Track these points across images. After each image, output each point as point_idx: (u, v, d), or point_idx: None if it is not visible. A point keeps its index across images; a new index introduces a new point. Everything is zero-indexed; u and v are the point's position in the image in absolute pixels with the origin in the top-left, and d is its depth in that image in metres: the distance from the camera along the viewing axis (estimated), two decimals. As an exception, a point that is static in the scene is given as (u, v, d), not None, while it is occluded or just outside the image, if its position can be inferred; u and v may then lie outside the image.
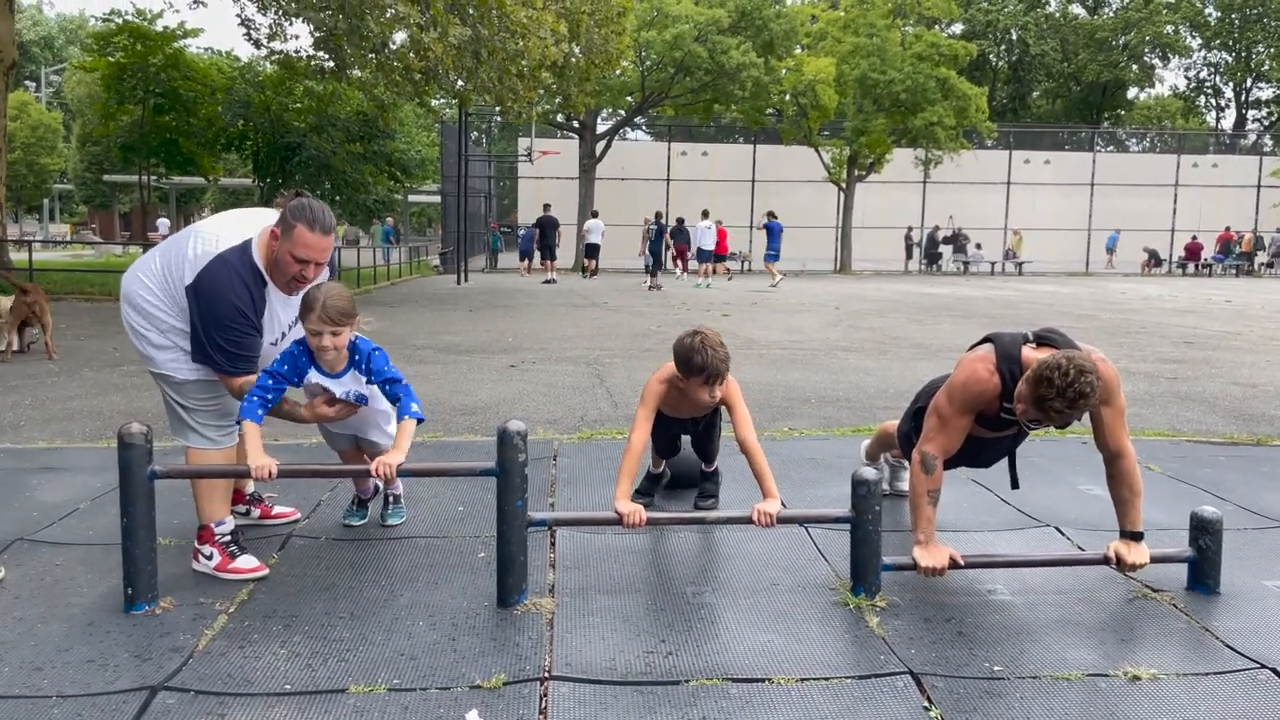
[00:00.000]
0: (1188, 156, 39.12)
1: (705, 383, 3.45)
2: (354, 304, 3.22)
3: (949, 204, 35.51)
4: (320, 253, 3.23)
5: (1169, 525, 3.84)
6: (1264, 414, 6.67)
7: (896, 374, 8.33)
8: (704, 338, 3.42)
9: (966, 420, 3.23)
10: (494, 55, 14.32)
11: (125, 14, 23.74)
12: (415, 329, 11.88)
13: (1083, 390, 2.83)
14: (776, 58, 29.91)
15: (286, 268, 3.22)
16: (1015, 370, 3.09)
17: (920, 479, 3.21)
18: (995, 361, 3.14)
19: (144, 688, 2.50)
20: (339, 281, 3.42)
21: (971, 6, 52.13)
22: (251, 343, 3.25)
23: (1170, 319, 14.50)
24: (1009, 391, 3.11)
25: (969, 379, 3.17)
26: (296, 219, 3.17)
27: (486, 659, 2.69)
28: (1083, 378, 2.82)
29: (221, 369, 3.23)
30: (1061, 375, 2.83)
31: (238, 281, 3.19)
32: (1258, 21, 50.34)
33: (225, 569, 3.29)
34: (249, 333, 3.23)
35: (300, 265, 3.21)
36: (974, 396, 3.17)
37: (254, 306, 3.22)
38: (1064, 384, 2.82)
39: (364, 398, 3.39)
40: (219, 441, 3.37)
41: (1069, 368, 2.83)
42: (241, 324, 3.20)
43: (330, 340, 3.15)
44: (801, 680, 2.59)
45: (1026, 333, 3.24)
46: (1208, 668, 2.70)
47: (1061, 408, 2.85)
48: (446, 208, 30.70)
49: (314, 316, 3.11)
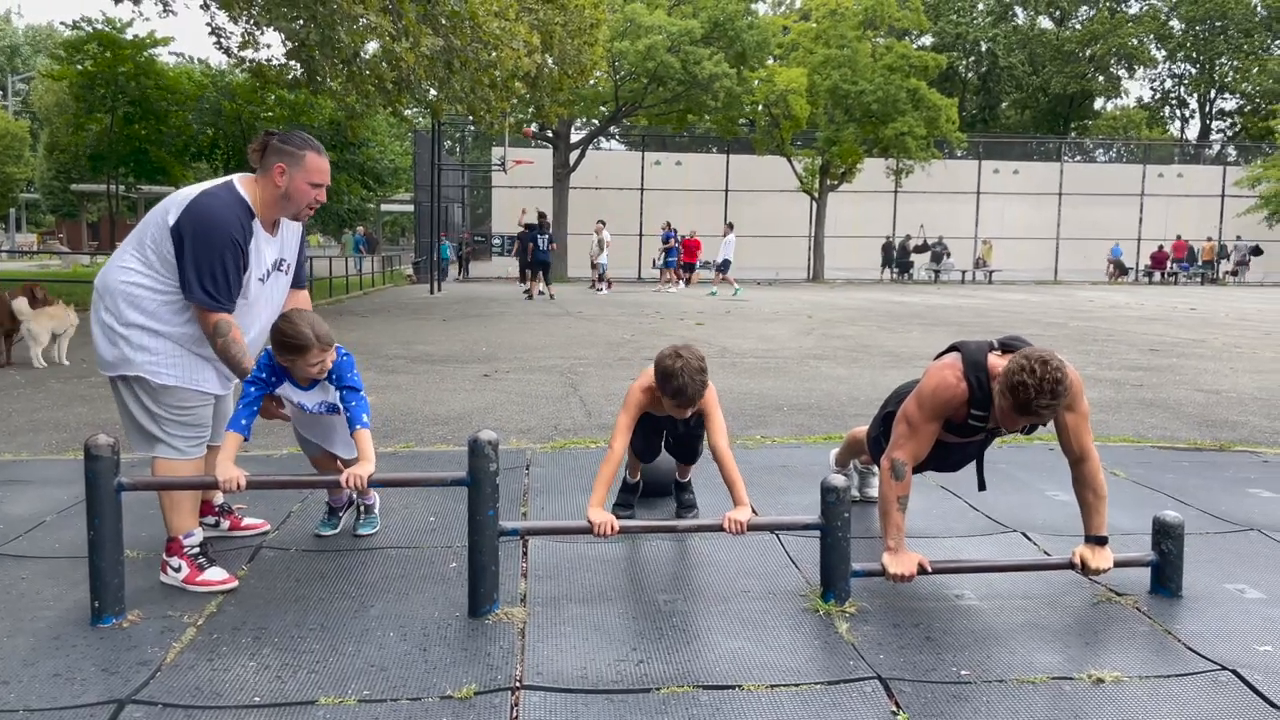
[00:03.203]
0: (1153, 166, 39.75)
1: (678, 406, 3.48)
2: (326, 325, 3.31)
3: (920, 213, 35.84)
4: (328, 174, 3.37)
5: (1133, 530, 3.90)
6: (1227, 420, 6.77)
7: (868, 382, 8.39)
8: (685, 362, 3.38)
9: (935, 426, 3.27)
10: (466, 66, 14.32)
11: (95, 22, 23.55)
12: (388, 339, 11.83)
13: (1057, 377, 2.89)
14: (749, 68, 30.09)
15: (301, 197, 3.29)
16: (982, 377, 3.14)
17: (890, 485, 3.24)
18: (963, 369, 3.19)
19: (111, 701, 2.48)
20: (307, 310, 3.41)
21: (941, 19, 52.72)
22: (237, 278, 3.20)
23: (1136, 327, 14.70)
24: (977, 398, 3.15)
25: (938, 385, 3.21)
26: (304, 148, 3.27)
27: (457, 669, 2.69)
28: (1050, 367, 2.90)
29: (204, 302, 3.13)
30: (1031, 373, 2.90)
31: (229, 211, 3.18)
32: (1221, 34, 51.23)
33: (193, 581, 3.26)
34: (237, 265, 3.18)
35: (316, 190, 3.31)
36: (943, 403, 3.21)
37: (244, 236, 3.20)
38: (1039, 378, 2.88)
39: (335, 408, 3.41)
40: (187, 452, 3.33)
41: (1034, 364, 2.91)
42: (232, 252, 3.16)
43: (330, 361, 3.27)
44: (771, 687, 2.61)
45: (992, 340, 3.28)
46: (1170, 670, 2.75)
47: (1046, 401, 2.91)
48: (420, 217, 30.62)
49: (314, 351, 3.20)
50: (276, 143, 3.29)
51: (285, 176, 3.25)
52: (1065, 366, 2.95)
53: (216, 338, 3.19)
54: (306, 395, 3.39)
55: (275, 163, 3.26)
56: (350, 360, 3.36)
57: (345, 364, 3.33)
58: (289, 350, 3.20)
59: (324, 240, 48.43)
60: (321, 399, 3.42)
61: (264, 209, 3.29)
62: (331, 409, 3.45)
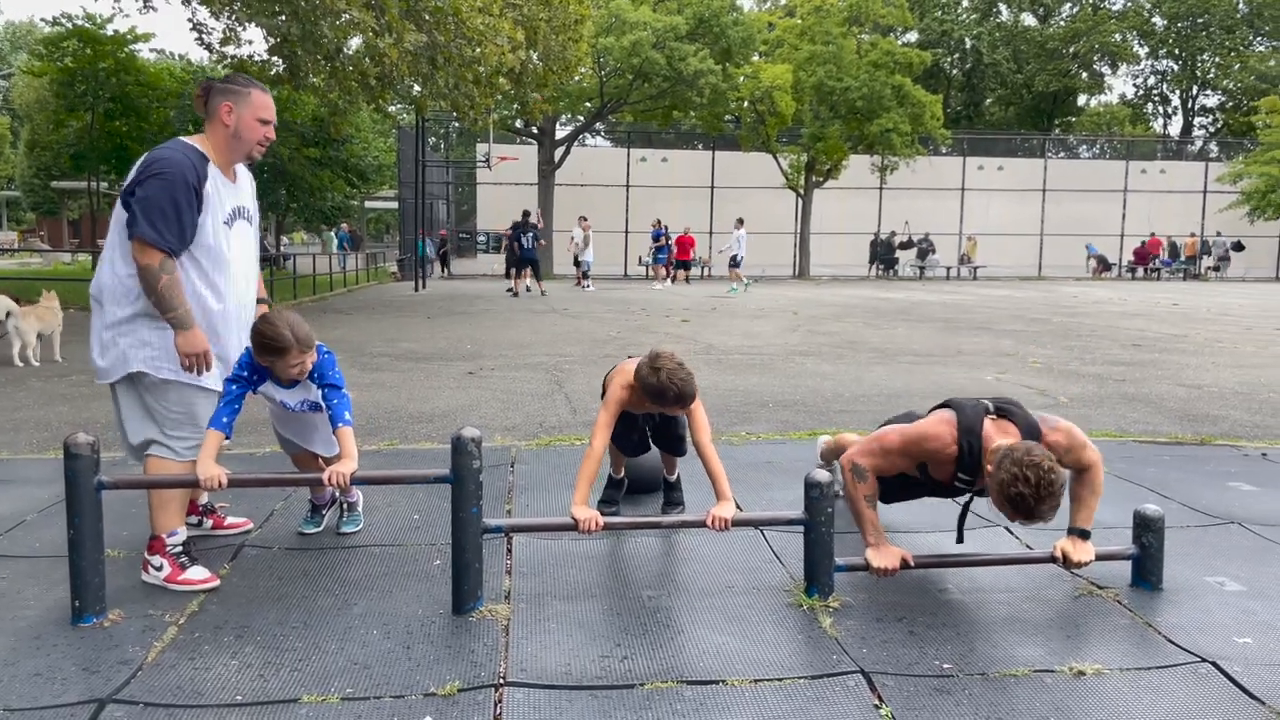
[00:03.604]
0: (1136, 163, 39.92)
1: (679, 408, 3.48)
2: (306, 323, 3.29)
3: (905, 210, 35.91)
4: (274, 111, 3.42)
5: (1114, 524, 3.93)
6: (1208, 414, 6.82)
7: (853, 378, 8.41)
8: (667, 371, 3.35)
9: (905, 465, 3.28)
10: (450, 61, 14.26)
11: (75, 18, 23.36)
12: (372, 336, 11.79)
13: (1050, 479, 2.83)
14: (734, 65, 30.10)
15: (251, 133, 3.32)
16: (975, 444, 3.11)
17: (854, 486, 3.25)
18: (957, 432, 3.14)
19: (92, 700, 2.46)
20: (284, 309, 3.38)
21: (926, 16, 52.86)
22: (191, 219, 3.17)
23: (1119, 322, 14.79)
24: (965, 463, 3.13)
25: (930, 435, 3.18)
26: (248, 85, 3.35)
27: (441, 667, 2.68)
28: (1043, 471, 2.83)
29: (148, 236, 3.08)
30: (1026, 483, 2.83)
31: (180, 155, 3.20)
32: (1203, 30, 51.56)
33: (175, 580, 3.24)
34: (190, 205, 3.16)
35: (264, 127, 3.36)
36: (927, 452, 3.20)
37: (198, 178, 3.19)
38: (1035, 487, 2.82)
39: (317, 406, 3.41)
40: (183, 454, 3.29)
41: (1026, 471, 2.83)
42: (184, 193, 3.14)
43: (310, 362, 3.25)
44: (755, 681, 2.62)
45: (987, 404, 3.23)
46: (1150, 662, 2.77)
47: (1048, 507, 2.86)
48: (404, 214, 30.51)
49: (293, 352, 3.18)
50: (219, 85, 3.34)
51: (233, 115, 3.29)
52: (1055, 464, 2.87)
53: (162, 274, 3.11)
54: (288, 394, 3.39)
55: (221, 102, 3.29)
56: (332, 358, 3.36)
57: (327, 362, 3.33)
58: (268, 352, 3.19)
59: (307, 238, 48.07)
60: (304, 397, 3.42)
61: (217, 154, 3.31)
62: (314, 407, 3.44)
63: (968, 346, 10.97)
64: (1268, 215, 33.57)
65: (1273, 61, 49.67)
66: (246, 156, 3.40)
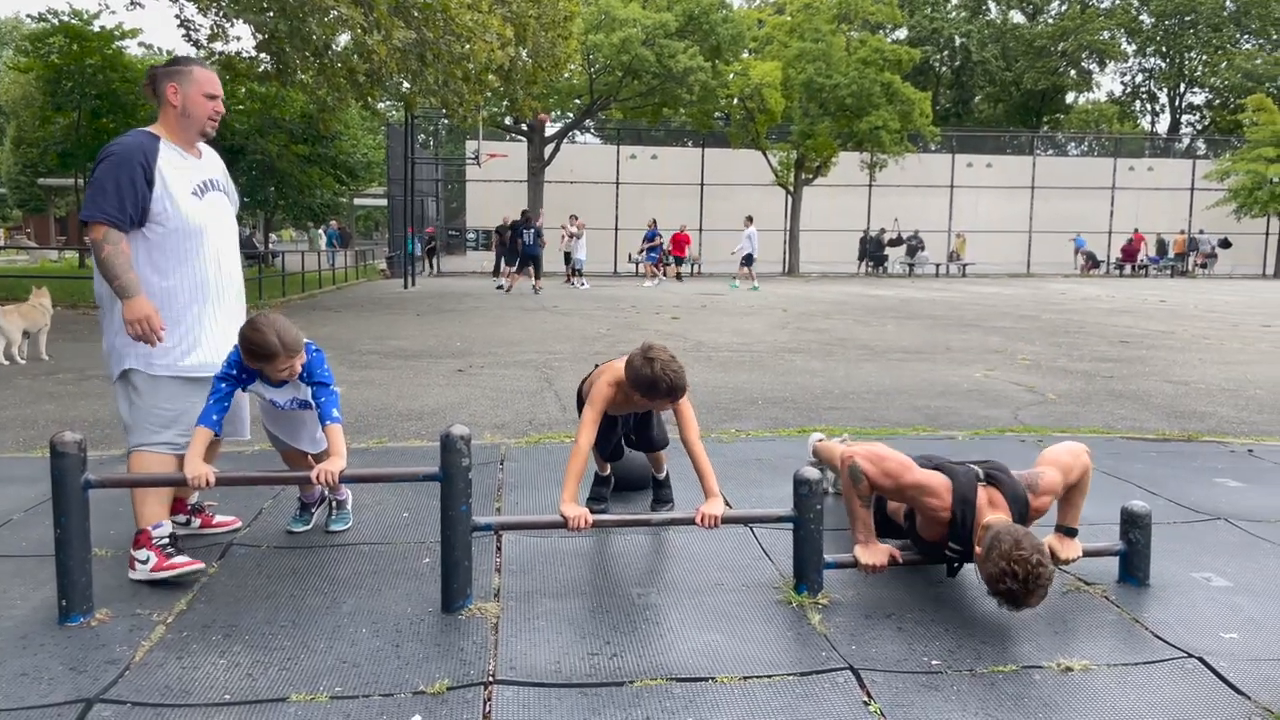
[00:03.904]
0: (1124, 160, 40.07)
1: (673, 400, 3.46)
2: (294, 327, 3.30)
3: (894, 207, 36.00)
4: (220, 85, 3.49)
5: (1101, 520, 3.94)
6: (1195, 411, 6.86)
7: (842, 375, 8.43)
8: (661, 363, 3.34)
9: (895, 497, 3.27)
10: (439, 58, 14.22)
11: (61, 14, 23.22)
12: (361, 334, 11.76)
13: (1039, 572, 2.80)
14: (724, 62, 30.11)
15: (199, 109, 3.39)
16: (969, 514, 3.07)
17: (849, 486, 3.25)
18: (952, 500, 3.10)
19: (79, 700, 2.45)
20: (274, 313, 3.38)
21: (916, 14, 52.97)
22: (132, 194, 3.23)
23: (1107, 319, 14.85)
24: (957, 532, 3.09)
25: (933, 489, 3.12)
26: (189, 64, 3.42)
27: (430, 665, 2.68)
28: (1031, 565, 2.79)
29: (88, 213, 3.21)
30: (1014, 578, 2.80)
31: (129, 139, 3.33)
32: (1190, 28, 51.78)
33: (162, 567, 3.25)
34: (133, 182, 3.22)
35: (212, 101, 3.42)
36: (922, 504, 3.15)
37: (147, 157, 3.26)
38: (1023, 580, 2.80)
39: (306, 404, 3.41)
40: (163, 448, 3.34)
41: (1014, 565, 2.79)
42: (128, 170, 3.22)
43: (299, 365, 3.27)
44: (744, 678, 2.62)
45: (978, 471, 3.18)
46: (1137, 658, 2.78)
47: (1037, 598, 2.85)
48: (394, 211, 30.43)
49: (280, 358, 3.18)
50: (163, 69, 3.41)
51: (179, 94, 3.36)
52: (1043, 556, 2.83)
53: (105, 245, 3.20)
54: (277, 392, 3.39)
55: (166, 84, 3.36)
56: (321, 356, 3.35)
57: (316, 360, 3.32)
58: (255, 358, 3.20)
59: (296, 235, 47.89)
60: (292, 395, 3.42)
61: (172, 134, 3.39)
62: (303, 405, 3.44)
63: (956, 343, 11.01)
64: (1254, 212, 33.79)
65: (1259, 59, 49.91)
66: (200, 133, 3.45)
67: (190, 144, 3.45)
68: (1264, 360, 9.80)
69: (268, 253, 29.68)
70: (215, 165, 3.59)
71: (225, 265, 3.49)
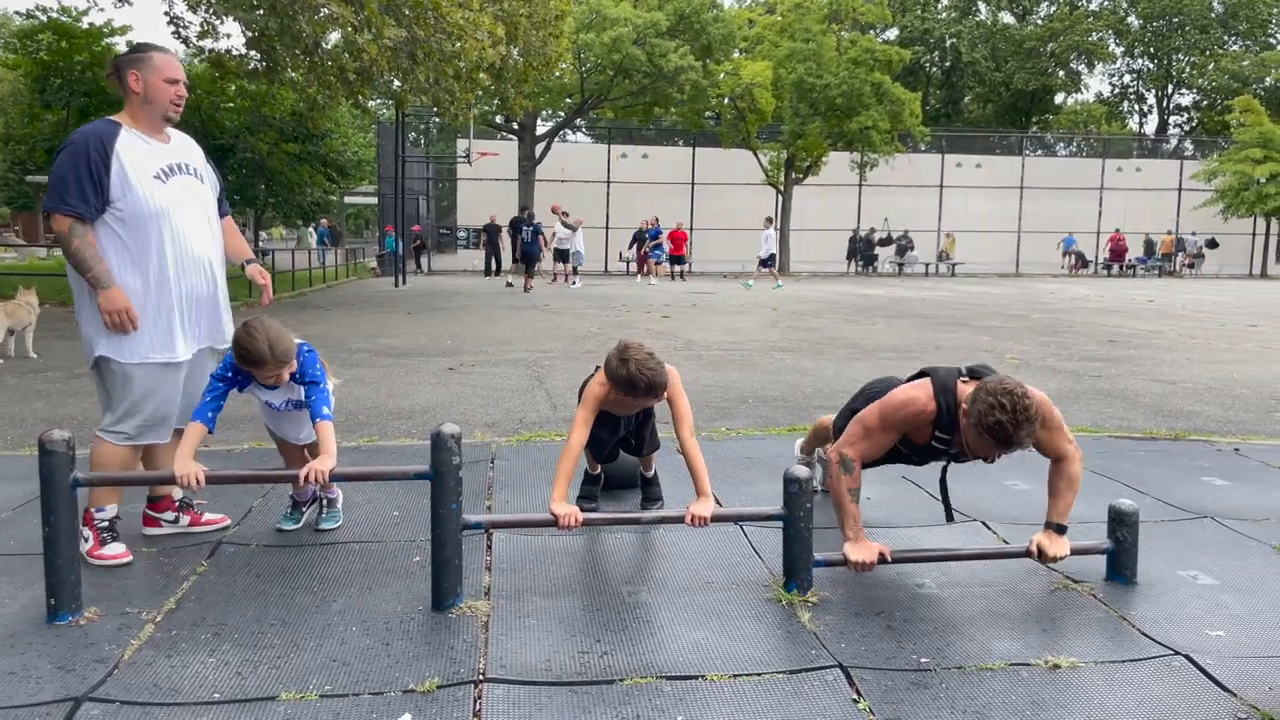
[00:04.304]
0: (1112, 161, 40.26)
1: (652, 399, 3.50)
2: (289, 334, 3.31)
3: (884, 206, 36.09)
4: (181, 70, 3.47)
5: (1089, 518, 3.96)
6: (1182, 410, 6.90)
7: (833, 374, 8.45)
8: (636, 362, 3.36)
9: (891, 438, 3.31)
10: (430, 57, 14.19)
11: (49, 10, 23.10)
12: (351, 332, 11.73)
13: (1026, 404, 2.89)
14: (714, 61, 30.14)
15: (160, 95, 3.40)
16: (951, 401, 3.15)
17: (839, 479, 3.27)
18: (934, 392, 3.20)
19: (68, 699, 2.45)
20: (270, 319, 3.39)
21: (907, 14, 53.09)
22: (91, 183, 3.25)
23: (1095, 318, 14.91)
24: (943, 421, 3.18)
25: (906, 401, 3.23)
26: (148, 50, 3.43)
27: (420, 663, 2.68)
28: (1016, 397, 2.90)
29: (49, 205, 3.25)
30: (1003, 409, 2.89)
31: (87, 128, 3.37)
32: (1177, 30, 52.02)
33: (94, 554, 3.34)
34: (90, 170, 3.25)
35: (173, 86, 3.42)
36: (907, 417, 3.23)
37: (103, 143, 3.29)
38: (1011, 411, 2.87)
39: (301, 404, 3.45)
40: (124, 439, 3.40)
41: (1001, 398, 2.90)
42: (85, 159, 3.24)
43: (288, 373, 3.31)
44: (734, 676, 2.63)
45: (960, 368, 3.29)
46: (1125, 655, 2.80)
47: (1025, 432, 2.92)
48: (384, 209, 30.36)
49: (269, 365, 3.22)
50: (124, 57, 3.45)
51: (140, 81, 3.38)
52: (1029, 390, 2.97)
53: (73, 239, 3.24)
54: (273, 394, 3.46)
55: (128, 72, 3.39)
56: (314, 355, 3.38)
57: (309, 359, 3.35)
58: (245, 362, 3.25)
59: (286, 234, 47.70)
60: (287, 397, 3.48)
61: (137, 121, 3.41)
62: (298, 405, 3.49)
63: (946, 342, 11.04)
64: (1241, 213, 33.97)
65: (1246, 61, 50.19)
66: (164, 118, 3.45)
67: (156, 129, 3.45)
68: (1250, 360, 9.85)
69: (258, 250, 29.56)
70: (187, 150, 3.59)
71: (195, 248, 3.48)
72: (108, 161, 3.28)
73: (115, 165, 3.29)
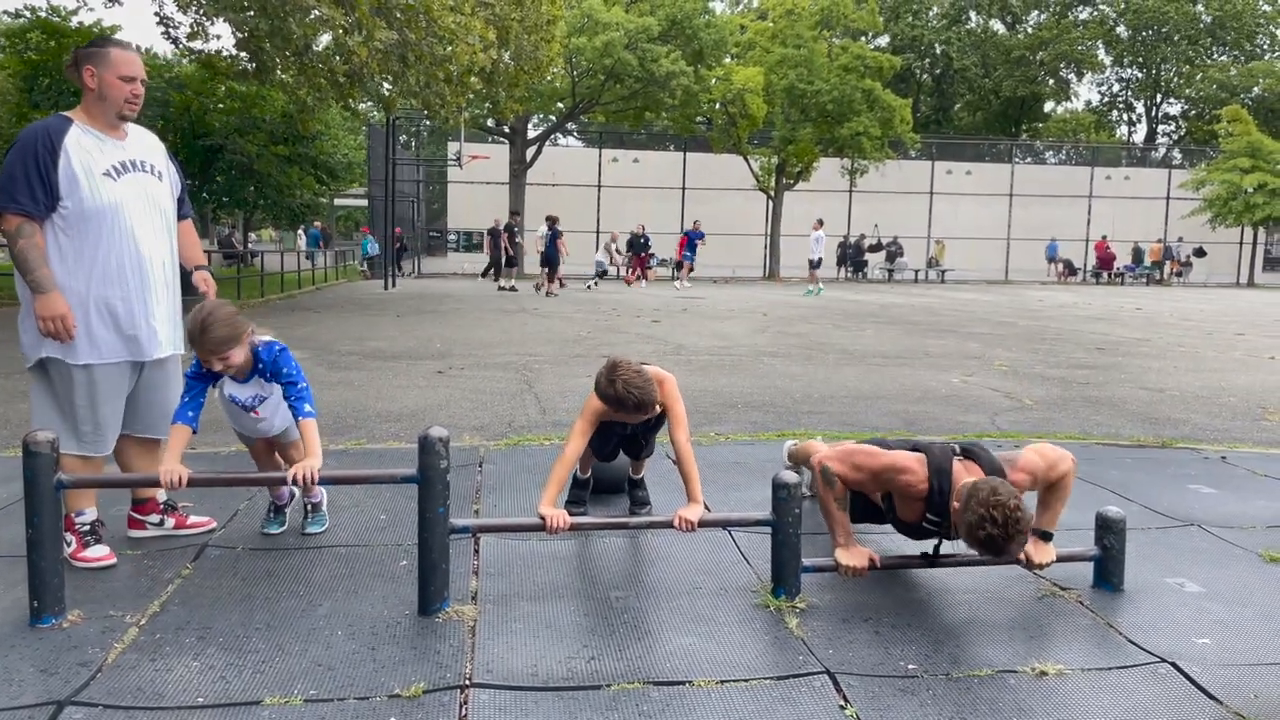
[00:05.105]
0: (1101, 169, 40.51)
1: (644, 412, 3.50)
2: (236, 323, 3.23)
3: (874, 213, 36.21)
4: (139, 67, 3.40)
5: (1077, 525, 3.97)
6: (1169, 418, 6.92)
7: (822, 379, 8.45)
8: (624, 381, 3.37)
9: (873, 488, 3.28)
10: (421, 60, 14.18)
11: (38, 10, 23.01)
12: (340, 334, 11.70)
13: (1017, 518, 2.84)
14: (706, 67, 30.15)
15: (115, 92, 3.34)
16: (945, 483, 3.11)
17: (825, 490, 3.26)
18: (928, 470, 3.15)
19: (50, 703, 2.43)
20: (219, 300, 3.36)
21: (898, 21, 53.31)
22: (39, 179, 3.21)
23: (1083, 326, 14.97)
24: (934, 503, 3.13)
25: (905, 467, 3.17)
26: (106, 45, 3.38)
27: (406, 668, 2.67)
28: (1009, 510, 2.84)
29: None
30: (994, 523, 2.84)
31: (35, 125, 3.34)
32: (1165, 40, 52.36)
33: (76, 557, 3.32)
34: (38, 166, 3.21)
35: (129, 84, 3.35)
36: (897, 484, 3.19)
37: (51, 139, 3.25)
38: (1003, 526, 2.83)
39: (264, 399, 3.44)
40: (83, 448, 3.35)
41: (993, 511, 2.84)
42: (33, 155, 3.21)
43: (221, 365, 3.22)
44: (721, 682, 2.62)
45: (954, 446, 3.24)
46: (1111, 663, 2.80)
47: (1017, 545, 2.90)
48: (374, 212, 30.30)
49: (198, 350, 3.19)
50: (83, 51, 3.40)
51: (95, 77, 3.33)
52: (1020, 501, 2.88)
53: (18, 239, 3.20)
54: (240, 388, 3.42)
55: (84, 67, 3.34)
56: (286, 354, 3.34)
57: (282, 358, 3.31)
58: (190, 342, 3.23)
59: (275, 235, 47.55)
60: (254, 393, 3.43)
61: (91, 117, 3.37)
62: (262, 401, 3.45)
63: (935, 349, 11.06)
64: (1229, 222, 34.17)
65: (1234, 71, 50.54)
66: (119, 115, 3.40)
67: (110, 126, 3.40)
68: (1237, 368, 9.90)
69: (247, 252, 29.48)
70: (146, 147, 3.53)
71: (146, 246, 3.43)
72: (55, 157, 3.23)
73: (63, 161, 3.24)
